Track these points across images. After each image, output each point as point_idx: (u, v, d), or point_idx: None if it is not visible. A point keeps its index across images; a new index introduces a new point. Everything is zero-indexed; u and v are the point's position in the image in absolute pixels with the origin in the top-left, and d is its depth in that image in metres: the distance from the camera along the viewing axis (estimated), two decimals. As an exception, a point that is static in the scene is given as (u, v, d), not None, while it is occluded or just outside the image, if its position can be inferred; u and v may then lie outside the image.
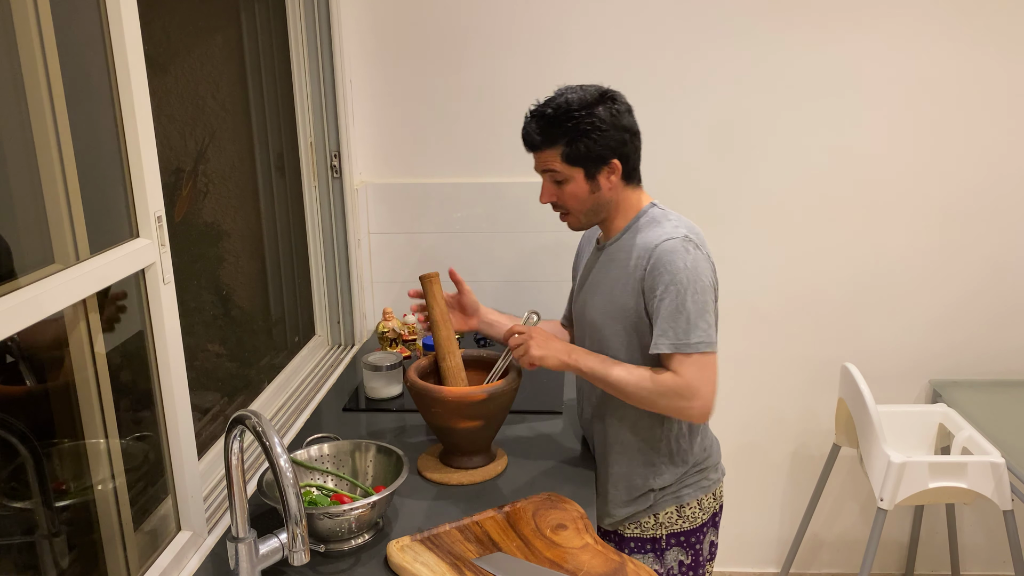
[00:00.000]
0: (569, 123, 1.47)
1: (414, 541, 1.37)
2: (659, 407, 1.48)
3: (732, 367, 2.56)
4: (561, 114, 1.48)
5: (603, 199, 1.54)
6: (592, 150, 1.48)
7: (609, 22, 2.34)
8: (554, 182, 1.54)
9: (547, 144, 1.51)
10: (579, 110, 1.47)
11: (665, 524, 1.64)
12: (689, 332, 1.43)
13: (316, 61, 2.24)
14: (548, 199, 1.57)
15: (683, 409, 1.46)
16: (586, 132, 1.47)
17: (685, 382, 1.43)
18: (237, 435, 1.19)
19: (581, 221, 1.59)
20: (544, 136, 1.50)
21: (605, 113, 1.48)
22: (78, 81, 1.18)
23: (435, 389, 1.55)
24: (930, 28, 2.29)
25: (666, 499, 1.62)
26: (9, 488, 1.11)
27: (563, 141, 1.49)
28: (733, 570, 2.80)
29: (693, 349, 1.44)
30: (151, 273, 1.29)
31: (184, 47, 1.70)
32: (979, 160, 2.39)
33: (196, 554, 1.41)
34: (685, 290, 1.43)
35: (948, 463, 2.13)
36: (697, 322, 1.44)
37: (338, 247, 2.38)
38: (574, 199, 1.55)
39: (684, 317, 1.43)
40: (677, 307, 1.43)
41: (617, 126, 1.49)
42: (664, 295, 1.44)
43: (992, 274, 2.47)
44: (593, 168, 1.51)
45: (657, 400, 1.46)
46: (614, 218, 1.58)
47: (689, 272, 1.44)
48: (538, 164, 1.56)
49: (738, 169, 2.43)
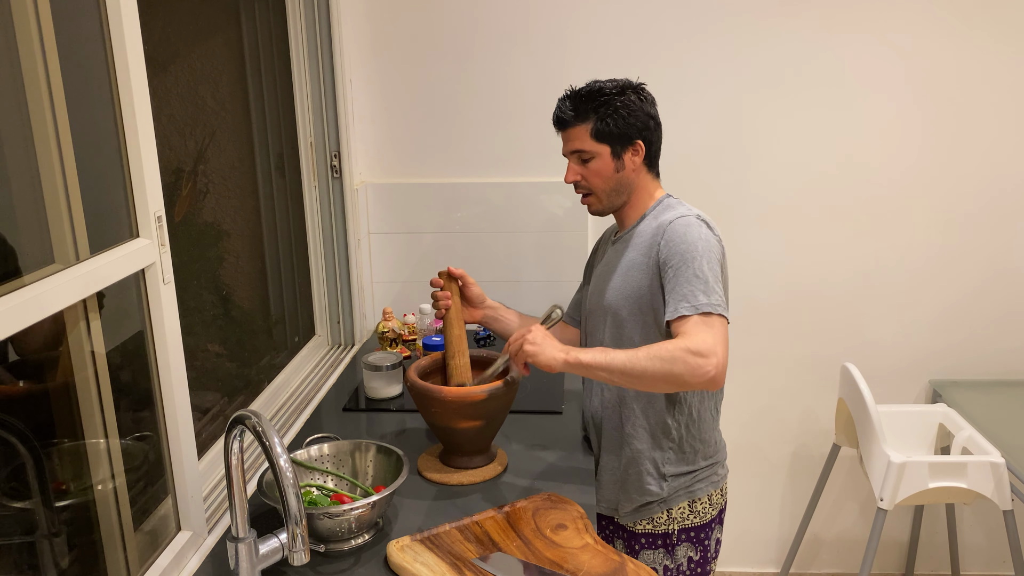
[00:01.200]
0: (601, 99, 1.57)
1: (414, 541, 1.37)
2: (675, 374, 1.39)
3: (732, 367, 2.55)
4: (594, 92, 1.58)
5: (626, 179, 1.61)
6: (620, 127, 1.57)
7: (610, 21, 2.34)
8: (580, 161, 1.61)
9: (578, 119, 1.58)
10: (612, 91, 1.58)
11: (677, 519, 1.65)
12: (708, 294, 1.45)
13: (316, 61, 2.24)
14: (573, 178, 1.63)
15: (699, 367, 1.37)
16: (616, 110, 1.56)
17: (700, 339, 1.39)
18: (237, 435, 1.19)
19: (603, 203, 1.64)
20: (576, 112, 1.58)
21: (634, 97, 1.58)
22: (78, 81, 1.18)
23: (435, 389, 1.55)
24: (934, 29, 2.29)
25: (679, 494, 1.64)
26: (9, 488, 1.11)
27: (594, 117, 1.57)
28: (733, 570, 2.80)
29: (712, 310, 1.43)
30: (151, 273, 1.29)
31: (184, 47, 1.70)
32: (981, 161, 2.39)
33: (196, 554, 1.41)
34: (701, 258, 1.47)
35: (948, 463, 2.13)
36: (714, 286, 1.46)
37: (338, 247, 2.38)
38: (599, 177, 1.60)
39: (701, 281, 1.46)
40: (694, 273, 1.46)
41: (644, 111, 1.59)
42: (680, 264, 1.48)
43: (992, 274, 2.47)
44: (619, 146, 1.58)
45: (672, 366, 1.38)
46: (632, 204, 1.64)
47: (703, 243, 1.49)
48: (566, 144, 1.63)
49: (739, 169, 2.43)
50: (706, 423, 1.64)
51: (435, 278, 1.73)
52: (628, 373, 1.42)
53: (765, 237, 2.48)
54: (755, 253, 2.50)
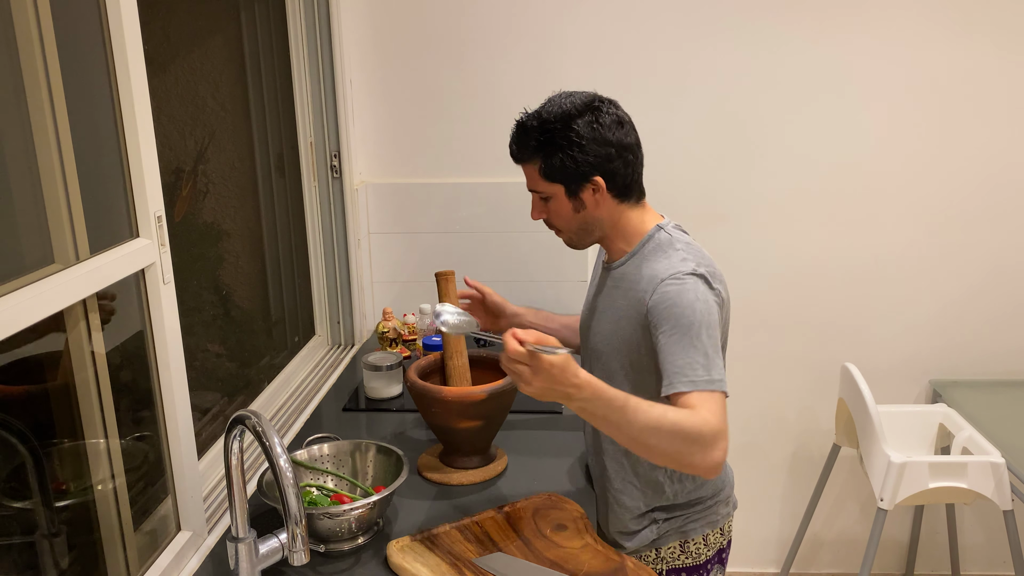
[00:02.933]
0: (543, 137, 1.38)
1: (414, 541, 1.37)
2: (682, 449, 1.22)
3: (732, 367, 2.52)
4: (538, 126, 1.38)
5: (591, 217, 1.43)
6: (568, 166, 1.37)
7: (609, 21, 2.34)
8: (540, 199, 1.46)
9: (524, 158, 1.43)
10: (556, 122, 1.37)
11: (666, 559, 1.52)
12: (709, 369, 1.28)
13: (316, 61, 2.24)
14: (537, 216, 1.48)
15: (708, 448, 1.22)
16: (562, 148, 1.36)
17: (718, 419, 1.23)
18: (237, 435, 1.19)
19: (573, 240, 1.49)
20: (520, 149, 1.43)
21: (585, 126, 1.36)
22: (78, 81, 1.18)
23: (435, 389, 1.55)
24: (931, 28, 2.29)
25: (670, 534, 1.51)
26: (9, 488, 1.11)
27: (539, 156, 1.39)
28: (733, 570, 2.80)
29: (711, 387, 1.26)
30: (151, 273, 1.29)
31: (184, 47, 1.70)
32: (980, 160, 2.39)
33: (196, 554, 1.41)
34: (699, 326, 1.29)
35: (948, 463, 2.13)
36: (715, 359, 1.29)
37: (338, 247, 2.38)
38: (559, 217, 1.45)
39: (701, 353, 1.28)
40: (691, 342, 1.28)
41: (599, 140, 1.37)
42: (672, 331, 1.30)
43: (992, 274, 2.47)
44: (574, 185, 1.40)
45: (683, 446, 1.22)
46: (614, 239, 1.47)
47: (701, 306, 1.31)
48: (526, 180, 1.47)
49: (738, 169, 2.43)
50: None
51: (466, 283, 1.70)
52: (642, 444, 1.25)
53: (765, 237, 2.48)
54: (755, 253, 2.50)
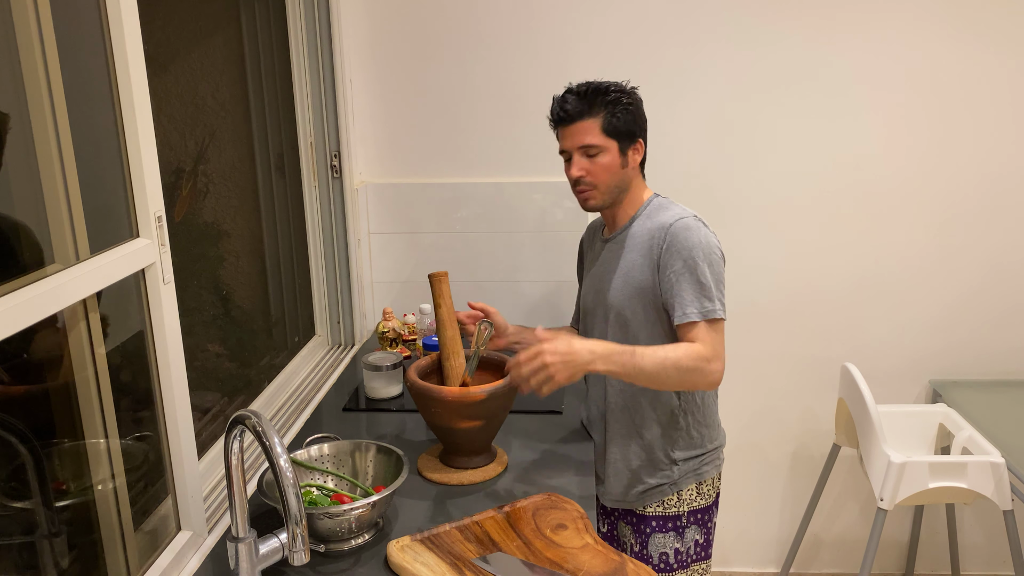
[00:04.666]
0: (610, 95, 1.58)
1: (414, 541, 1.37)
2: (692, 382, 1.54)
3: (732, 367, 2.53)
4: (602, 88, 1.59)
5: (627, 176, 1.64)
6: (628, 125, 1.60)
7: (610, 22, 2.34)
8: (586, 156, 1.61)
9: (588, 114, 1.58)
10: (617, 89, 1.60)
11: (687, 501, 1.71)
12: (712, 299, 1.53)
13: (316, 61, 2.24)
14: (579, 172, 1.62)
15: (711, 373, 1.51)
16: (625, 107, 1.59)
17: (710, 347, 1.52)
18: (237, 435, 1.19)
19: (604, 198, 1.64)
20: (587, 105, 1.58)
21: (636, 96, 1.63)
22: (78, 81, 1.18)
23: (435, 389, 1.55)
24: (931, 28, 2.29)
25: (688, 476, 1.70)
26: (9, 488, 1.11)
27: (604, 111, 1.58)
28: (733, 570, 2.80)
29: (716, 315, 1.53)
30: (151, 273, 1.29)
31: (184, 47, 1.70)
32: (979, 160, 2.39)
33: (196, 554, 1.41)
34: (704, 263, 1.53)
35: (948, 463, 2.13)
36: (715, 291, 1.54)
37: (338, 247, 2.38)
38: (606, 172, 1.61)
39: (706, 287, 1.53)
40: (698, 279, 1.53)
41: (642, 112, 1.64)
42: (683, 269, 1.53)
43: (992, 274, 2.47)
44: (626, 143, 1.61)
45: (690, 376, 1.51)
46: (625, 203, 1.67)
47: (704, 246, 1.55)
48: (569, 140, 1.62)
49: (738, 168, 2.43)
50: (709, 409, 1.72)
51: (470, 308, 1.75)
52: (651, 380, 1.53)
53: (765, 237, 2.48)
54: (755, 253, 2.49)
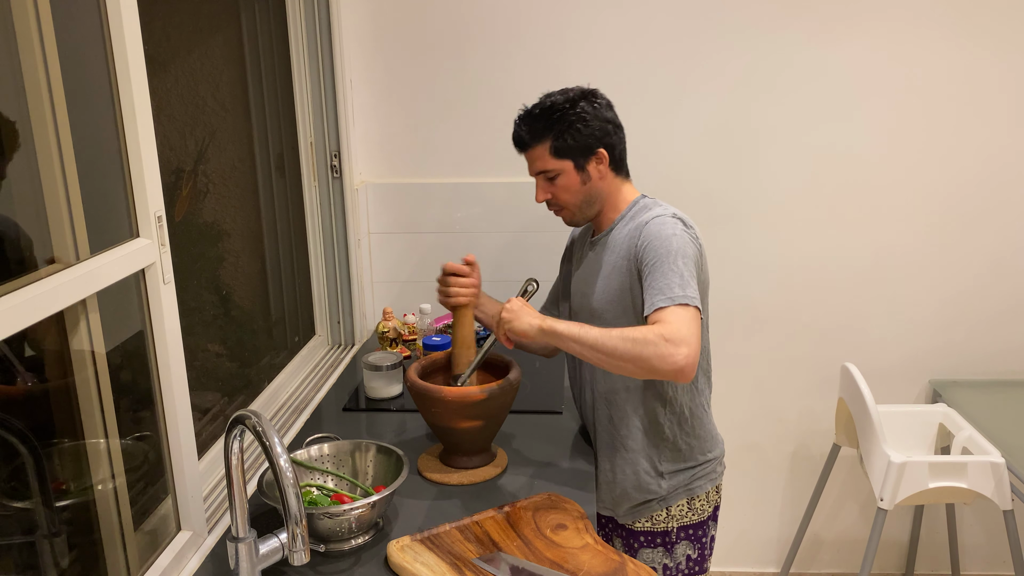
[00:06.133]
0: (554, 116, 1.56)
1: (414, 541, 1.37)
2: (644, 357, 1.38)
3: (732, 367, 2.56)
4: (546, 110, 1.58)
5: (595, 189, 1.61)
6: (579, 140, 1.56)
7: (610, 23, 2.34)
8: (547, 180, 1.61)
9: (535, 140, 1.58)
10: (562, 105, 1.57)
11: (676, 517, 1.67)
12: (684, 287, 1.44)
13: (316, 61, 2.24)
14: (543, 197, 1.63)
15: (670, 354, 1.36)
16: (571, 123, 1.56)
17: (674, 328, 1.39)
18: (237, 435, 1.19)
19: (576, 216, 1.65)
20: (532, 133, 1.59)
21: (587, 106, 1.57)
22: (78, 81, 1.18)
23: (435, 389, 1.55)
24: (929, 28, 2.29)
25: (678, 492, 1.65)
26: (9, 488, 1.11)
27: (550, 135, 1.57)
28: (733, 570, 2.80)
29: (687, 301, 1.43)
30: (151, 273, 1.29)
31: (184, 47, 1.70)
32: (978, 159, 2.39)
33: (196, 554, 1.41)
34: (675, 254, 1.48)
35: (948, 463, 2.13)
36: (688, 280, 1.46)
37: (338, 247, 2.38)
38: (567, 192, 1.61)
39: (677, 275, 1.46)
40: (669, 267, 1.46)
41: (600, 117, 1.58)
42: (655, 262, 1.48)
43: (992, 273, 2.47)
44: (581, 158, 1.58)
45: (644, 349, 1.37)
46: (607, 210, 1.64)
47: (677, 239, 1.49)
48: (530, 166, 1.63)
49: (738, 169, 2.43)
50: (698, 419, 1.65)
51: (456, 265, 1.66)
52: (599, 349, 1.42)
53: (764, 237, 2.48)
54: (754, 253, 2.50)
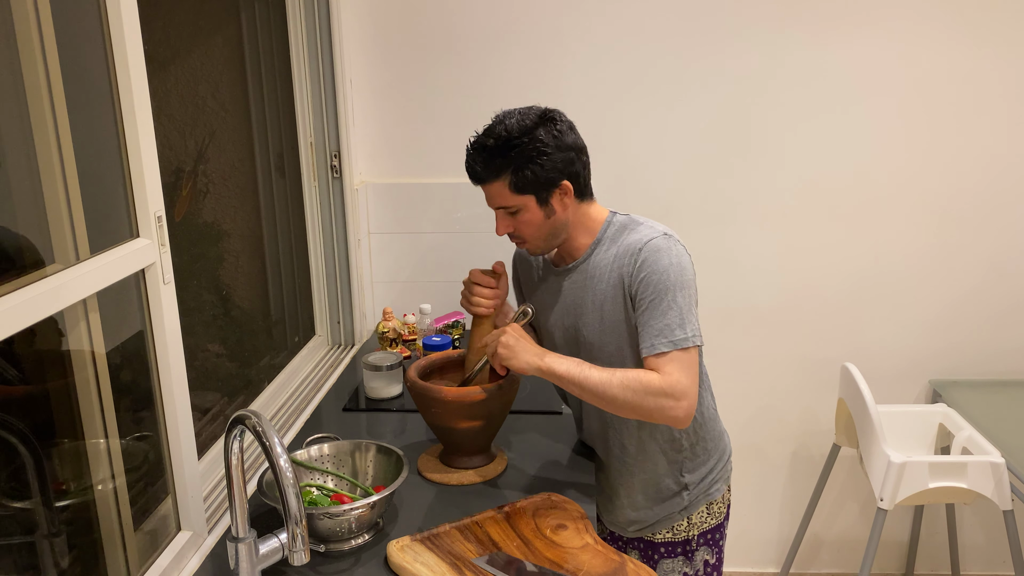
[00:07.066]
0: (512, 152, 1.42)
1: (414, 541, 1.37)
2: (644, 409, 1.40)
3: (732, 367, 2.56)
4: (502, 144, 1.42)
5: (559, 222, 1.50)
6: (540, 175, 1.43)
7: (610, 22, 2.34)
8: (508, 215, 1.49)
9: (492, 176, 1.45)
10: (519, 136, 1.42)
11: (697, 524, 1.65)
12: (684, 326, 1.41)
13: (316, 61, 2.24)
14: (504, 231, 1.51)
15: (670, 408, 1.38)
16: (531, 158, 1.42)
17: (675, 378, 1.38)
18: (237, 435, 1.19)
19: (540, 247, 1.54)
20: (488, 168, 1.45)
21: (547, 135, 1.43)
22: (78, 81, 1.18)
23: (435, 389, 1.55)
24: (929, 29, 2.29)
25: (699, 499, 1.63)
26: (9, 488, 1.11)
27: (508, 170, 1.43)
28: (733, 570, 2.80)
29: (687, 344, 1.40)
30: (151, 273, 1.29)
31: (184, 47, 1.70)
32: (978, 160, 2.39)
33: (196, 554, 1.41)
34: (675, 287, 1.41)
35: (948, 463, 2.13)
36: (687, 316, 1.42)
37: (338, 247, 2.38)
38: (530, 227, 1.49)
39: (676, 313, 1.41)
40: (668, 304, 1.41)
41: (561, 146, 1.44)
42: (654, 297, 1.42)
43: (991, 273, 2.47)
44: (544, 193, 1.46)
45: (643, 401, 1.39)
46: (576, 236, 1.54)
47: (675, 269, 1.42)
48: (488, 200, 1.50)
49: (738, 170, 2.43)
50: (711, 420, 1.63)
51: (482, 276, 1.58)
52: (599, 395, 1.41)
53: (764, 238, 2.48)
54: (755, 254, 2.50)
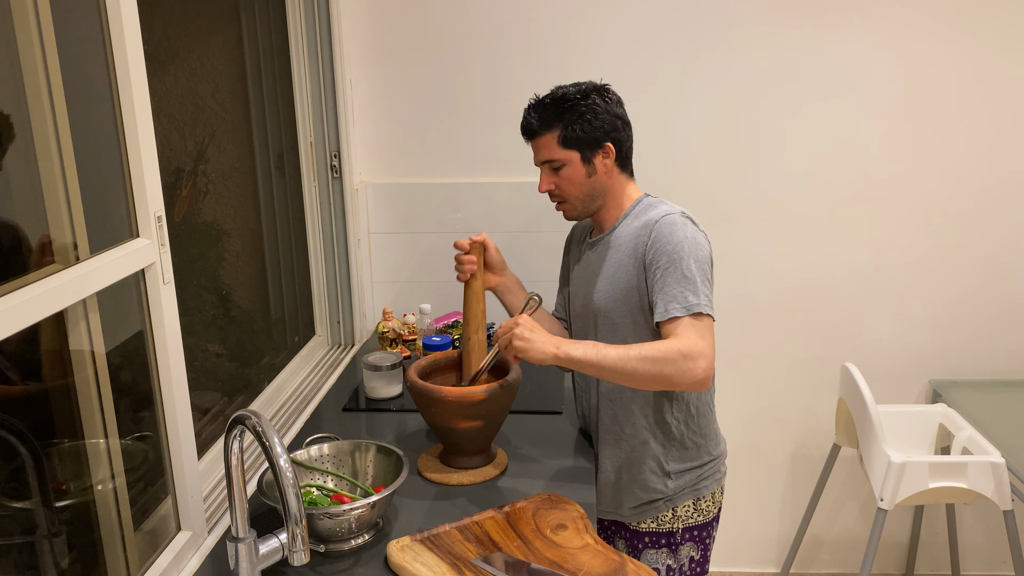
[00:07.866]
0: (565, 105, 1.56)
1: (414, 541, 1.37)
2: (664, 376, 1.41)
3: (732, 367, 2.56)
4: (558, 99, 1.57)
5: (599, 183, 1.60)
6: (587, 132, 1.56)
7: (610, 22, 2.34)
8: (552, 169, 1.60)
9: (544, 128, 1.58)
10: (575, 96, 1.56)
11: (682, 517, 1.67)
12: (697, 294, 1.46)
13: (316, 61, 2.24)
14: (546, 187, 1.63)
15: (689, 369, 1.40)
16: (581, 114, 1.55)
17: (691, 342, 1.41)
18: (237, 435, 1.19)
19: (577, 208, 1.64)
20: (542, 121, 1.58)
21: (599, 99, 1.57)
22: (78, 81, 1.18)
23: (435, 389, 1.55)
24: (930, 29, 2.29)
25: (685, 491, 1.65)
26: (9, 488, 1.11)
27: (560, 124, 1.56)
28: (733, 570, 2.80)
29: (701, 309, 1.45)
30: (151, 273, 1.29)
31: (184, 47, 1.70)
32: (979, 160, 2.39)
33: (196, 554, 1.41)
34: (688, 257, 1.47)
35: (948, 463, 2.13)
36: (701, 286, 1.47)
37: (338, 247, 2.38)
38: (571, 184, 1.60)
39: (690, 282, 1.46)
40: (682, 273, 1.46)
41: (610, 112, 1.58)
42: (667, 265, 1.48)
43: (992, 274, 2.47)
44: (588, 151, 1.57)
45: (663, 368, 1.40)
46: (609, 207, 1.63)
47: (689, 242, 1.49)
48: (536, 155, 1.62)
49: (739, 169, 2.43)
50: (704, 417, 1.65)
51: (461, 241, 1.68)
52: (619, 371, 1.43)
53: (765, 237, 2.48)
54: (755, 253, 2.50)
